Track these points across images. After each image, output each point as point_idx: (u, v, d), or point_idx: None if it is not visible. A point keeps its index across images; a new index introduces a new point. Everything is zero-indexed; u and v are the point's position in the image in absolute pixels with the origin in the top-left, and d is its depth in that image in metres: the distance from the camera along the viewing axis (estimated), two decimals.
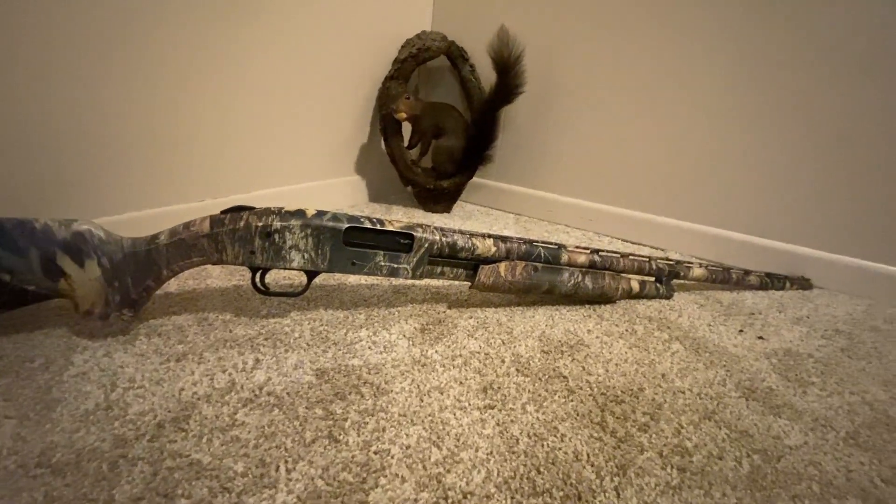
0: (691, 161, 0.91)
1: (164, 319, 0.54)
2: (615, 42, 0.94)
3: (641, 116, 0.94)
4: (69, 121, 0.59)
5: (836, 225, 0.81)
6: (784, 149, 0.83)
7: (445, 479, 0.37)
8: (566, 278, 0.63)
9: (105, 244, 0.46)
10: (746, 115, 0.84)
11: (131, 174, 0.67)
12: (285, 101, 0.87)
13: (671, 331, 0.63)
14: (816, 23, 0.76)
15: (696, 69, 0.87)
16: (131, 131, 0.65)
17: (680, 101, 0.90)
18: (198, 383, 0.44)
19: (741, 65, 0.83)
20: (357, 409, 0.43)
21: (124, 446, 0.37)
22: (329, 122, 0.98)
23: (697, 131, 0.89)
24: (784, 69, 0.80)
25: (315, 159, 0.98)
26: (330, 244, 0.53)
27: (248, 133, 0.81)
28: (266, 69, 0.81)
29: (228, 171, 0.80)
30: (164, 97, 0.68)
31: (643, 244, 0.97)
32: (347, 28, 0.95)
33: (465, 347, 0.55)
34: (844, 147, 0.78)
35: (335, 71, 0.95)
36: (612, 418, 0.45)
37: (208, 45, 0.71)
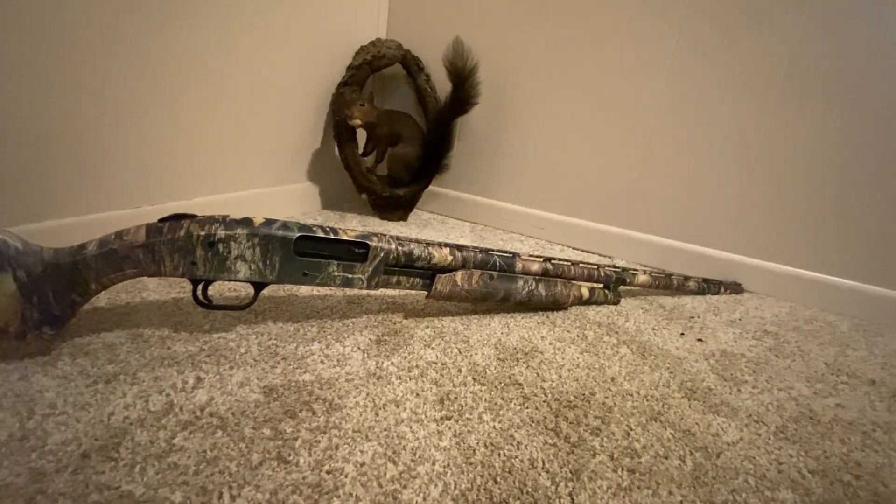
0: (637, 174, 0.96)
1: (92, 337, 0.50)
2: (567, 56, 0.98)
3: (591, 129, 0.98)
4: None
5: (763, 234, 0.88)
6: (720, 162, 0.89)
7: (402, 495, 0.36)
8: (521, 286, 0.64)
9: (22, 255, 0.42)
10: (686, 133, 0.90)
11: (54, 177, 0.61)
12: (233, 104, 0.83)
13: (619, 335, 0.65)
14: (751, 34, 0.83)
15: (642, 86, 0.92)
16: (57, 129, 0.60)
17: (626, 116, 0.95)
18: (130, 406, 0.41)
19: (686, 79, 0.89)
20: (308, 426, 0.42)
21: (42, 480, 0.33)
22: (280, 126, 0.95)
23: (642, 146, 0.95)
24: (721, 84, 0.86)
25: (264, 164, 0.94)
26: (280, 254, 0.51)
27: (190, 135, 0.77)
28: (213, 70, 0.77)
29: (168, 176, 0.75)
30: (95, 93, 0.63)
31: (592, 252, 1.01)
32: (300, 32, 0.92)
33: (422, 358, 0.54)
34: (773, 162, 0.85)
35: (287, 74, 0.92)
36: (566, 423, 0.46)
37: (149, 44, 0.67)
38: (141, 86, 0.68)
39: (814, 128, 0.81)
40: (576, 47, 0.96)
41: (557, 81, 0.99)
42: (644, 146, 0.94)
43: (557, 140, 1.02)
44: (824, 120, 0.81)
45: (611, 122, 0.96)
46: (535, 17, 0.99)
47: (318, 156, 1.06)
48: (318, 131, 1.05)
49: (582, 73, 0.97)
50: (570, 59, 0.97)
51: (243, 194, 0.89)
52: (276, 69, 0.90)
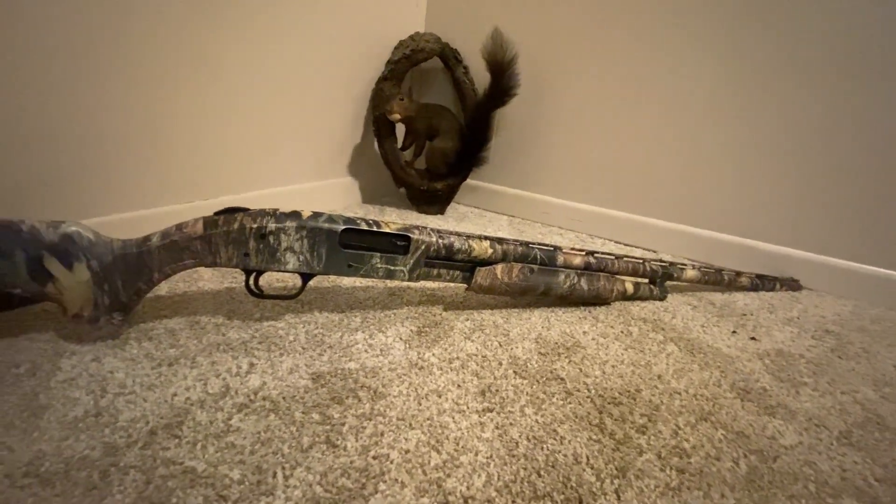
0: (684, 164, 0.92)
1: (155, 323, 0.53)
2: (609, 44, 0.95)
3: (635, 119, 0.95)
4: (56, 120, 0.57)
5: (823, 227, 0.83)
6: (773, 152, 0.84)
7: (445, 483, 0.36)
8: (562, 280, 0.63)
9: (94, 246, 0.45)
10: (737, 119, 0.86)
11: (120, 174, 0.65)
12: (278, 102, 0.86)
13: (666, 332, 0.63)
14: (804, 24, 0.78)
15: (689, 72, 0.88)
16: (120, 131, 0.64)
17: (673, 104, 0.91)
18: (191, 388, 0.44)
19: (733, 68, 0.84)
20: (354, 413, 0.43)
21: (115, 454, 0.36)
22: (322, 123, 0.97)
23: (690, 134, 0.90)
24: (774, 71, 0.81)
25: (308, 160, 0.97)
26: (326, 246, 0.52)
27: (240, 133, 0.80)
28: (259, 70, 0.80)
29: (219, 172, 0.79)
30: (155, 96, 0.67)
31: (636, 246, 0.98)
32: (341, 29, 0.94)
33: (463, 350, 0.54)
34: (831, 151, 0.80)
35: (329, 72, 0.95)
36: (611, 420, 0.45)
37: (200, 45, 0.70)
38: (194, 88, 0.71)
39: (876, 114, 0.75)
40: (618, 35, 0.93)
41: (599, 70, 0.97)
42: (691, 135, 0.90)
43: (599, 130, 0.99)
44: (886, 106, 0.74)
45: (655, 111, 0.92)
46: (575, 6, 0.96)
47: (358, 151, 1.08)
48: (358, 126, 1.07)
49: (624, 61, 0.93)
50: (612, 47, 0.94)
51: (288, 189, 0.92)
52: (318, 67, 0.92)
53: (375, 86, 1.04)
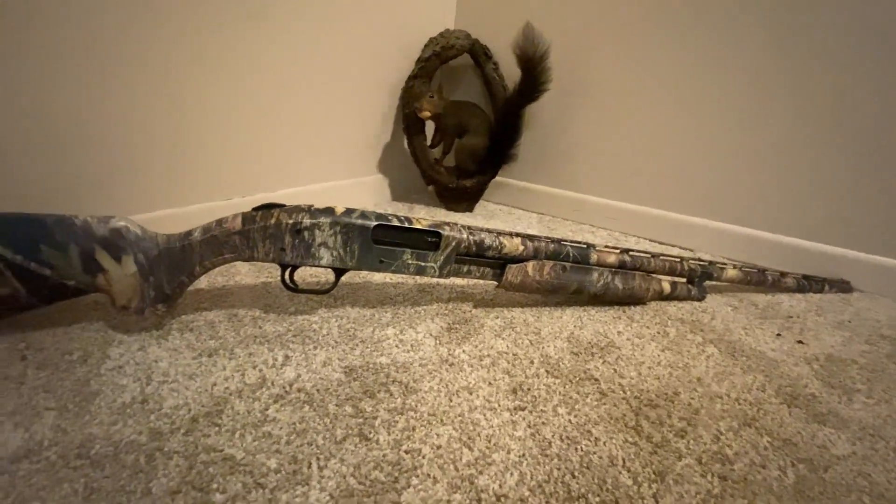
0: (722, 159, 0.88)
1: (195, 315, 0.55)
2: (643, 37, 0.92)
3: (669, 114, 0.92)
4: (107, 123, 0.60)
5: (876, 225, 0.78)
6: (818, 145, 0.79)
7: (478, 480, 0.36)
8: (595, 278, 0.62)
9: (141, 240, 0.47)
10: (781, 112, 0.82)
11: (164, 173, 0.68)
12: (311, 102, 0.87)
13: (705, 333, 0.61)
14: (848, 16, 0.73)
15: (729, 64, 0.84)
16: (166, 132, 0.67)
17: (709, 97, 0.87)
18: (229, 379, 0.45)
19: (772, 61, 0.80)
20: (386, 407, 0.43)
21: (160, 439, 0.38)
22: (353, 121, 0.99)
23: (728, 128, 0.87)
24: (815, 64, 0.77)
25: (339, 158, 0.98)
26: (358, 242, 0.53)
27: (274, 132, 0.82)
28: (293, 70, 0.82)
29: (255, 170, 0.81)
30: (196, 99, 0.69)
31: (672, 245, 0.95)
32: (371, 27, 0.95)
33: (493, 347, 0.54)
34: (882, 143, 0.74)
35: (360, 71, 0.96)
36: (647, 423, 0.44)
37: (236, 46, 0.72)
38: (232, 90, 0.73)
39: None
40: (652, 28, 0.90)
41: (632, 63, 0.94)
42: (732, 129, 0.86)
43: (632, 125, 0.96)
44: None
45: (692, 104, 0.89)
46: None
47: (388, 148, 1.09)
48: (388, 125, 1.07)
49: (659, 54, 0.90)
50: (646, 40, 0.91)
51: (320, 186, 0.94)
52: (350, 66, 0.93)
53: (405, 84, 1.05)
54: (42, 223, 0.45)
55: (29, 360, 0.45)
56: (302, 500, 0.33)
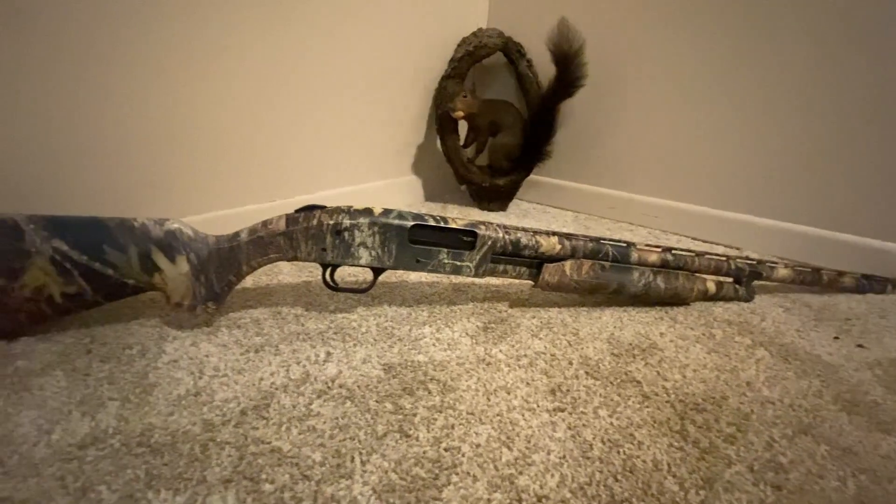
0: (771, 153, 0.84)
1: (242, 313, 0.57)
2: (681, 29, 0.88)
3: (713, 106, 0.88)
4: (159, 130, 0.64)
5: None
6: (878, 135, 0.74)
7: (518, 480, 0.36)
8: (636, 278, 0.60)
9: (193, 241, 0.50)
10: (833, 99, 0.77)
11: (212, 177, 0.71)
12: (347, 105, 0.89)
13: (754, 336, 0.58)
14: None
15: (774, 55, 0.80)
16: (213, 139, 0.70)
17: (756, 88, 0.83)
18: (275, 374, 0.47)
19: (824, 51, 0.75)
20: (425, 405, 0.44)
21: (213, 430, 0.39)
22: (387, 124, 1.00)
23: (778, 120, 0.82)
24: (870, 55, 0.72)
25: (373, 160, 1.00)
26: (396, 242, 0.54)
27: (312, 137, 0.84)
28: (329, 75, 0.84)
29: (295, 173, 0.83)
30: (240, 107, 0.72)
31: (717, 243, 0.91)
32: (404, 30, 0.96)
33: (530, 347, 0.54)
34: None
35: (393, 73, 0.97)
36: (694, 427, 0.42)
37: (277, 55, 0.75)
38: (273, 97, 0.76)
39: None
40: (693, 16, 0.87)
41: (671, 55, 0.91)
42: (779, 121, 0.82)
43: (672, 120, 0.93)
44: None
45: (737, 95, 0.85)
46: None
47: (421, 149, 1.10)
48: (421, 125, 1.08)
49: (700, 45, 0.87)
50: (687, 30, 0.88)
51: (355, 188, 0.96)
52: (384, 70, 0.94)
53: (438, 84, 1.05)
54: (105, 226, 0.48)
55: (93, 353, 0.48)
56: (346, 494, 0.34)
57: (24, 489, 0.33)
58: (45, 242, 0.46)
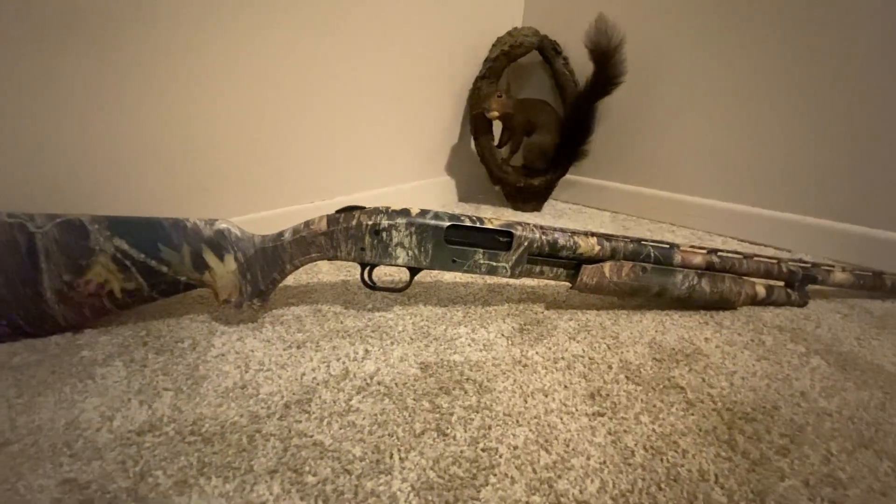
0: (824, 148, 0.79)
1: (284, 309, 0.60)
2: (725, 24, 0.85)
3: (760, 101, 0.84)
4: (208, 136, 0.67)
5: None
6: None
7: (557, 484, 0.36)
8: (679, 281, 0.58)
9: (240, 241, 0.52)
10: (889, 93, 0.71)
11: (257, 180, 0.74)
12: (382, 109, 0.91)
13: (808, 343, 0.55)
14: None
15: (829, 46, 0.75)
16: (257, 145, 0.73)
17: (808, 81, 0.78)
18: (316, 369, 0.48)
19: (881, 44, 0.70)
20: (462, 404, 0.44)
21: (259, 422, 0.41)
22: (422, 125, 1.01)
23: (831, 114, 0.77)
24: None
25: (408, 162, 1.01)
26: (432, 242, 0.54)
27: (349, 140, 0.86)
28: (365, 79, 0.85)
29: (333, 175, 0.86)
30: (281, 113, 0.75)
31: (766, 245, 0.87)
32: (439, 32, 0.97)
33: (568, 350, 0.53)
34: None
35: (427, 75, 0.98)
36: (743, 437, 0.41)
37: (315, 61, 0.77)
38: (312, 102, 0.78)
39: None
40: (738, 6, 0.83)
41: (715, 49, 0.87)
42: (835, 114, 0.77)
43: (716, 116, 0.89)
44: None
45: (787, 90, 0.81)
46: None
47: (455, 150, 1.10)
48: (455, 126, 1.09)
49: (746, 39, 0.83)
50: (731, 23, 0.84)
51: (392, 189, 0.97)
52: (418, 72, 0.95)
53: (473, 85, 1.06)
54: (161, 226, 0.51)
55: (149, 345, 0.51)
56: (385, 489, 0.35)
57: (88, 471, 0.36)
58: (108, 241, 0.49)
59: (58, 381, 0.45)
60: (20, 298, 0.48)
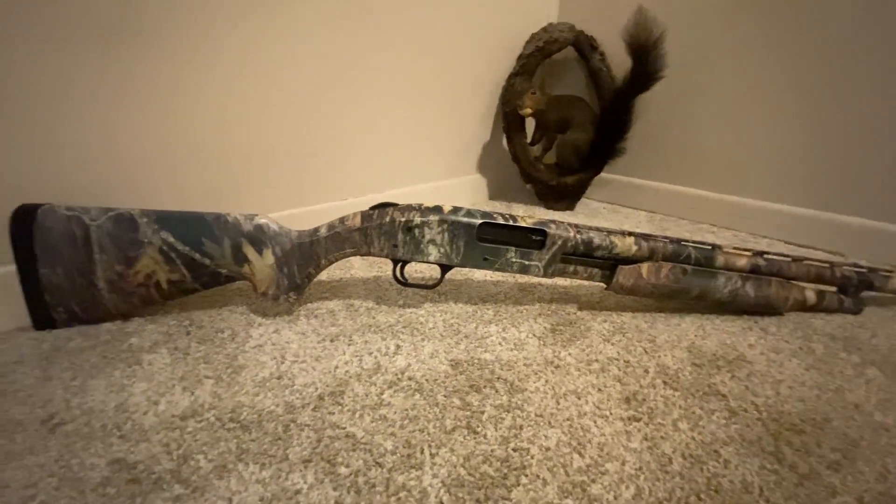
0: (882, 148, 0.74)
1: (318, 304, 0.61)
2: (776, 14, 0.80)
3: (814, 98, 0.79)
4: (248, 138, 0.69)
5: None
6: None
7: (590, 488, 0.35)
8: (722, 283, 0.56)
9: (278, 235, 0.54)
10: None
11: (293, 177, 0.76)
12: (414, 107, 0.91)
13: (864, 353, 0.52)
14: None
15: (884, 41, 0.70)
16: (294, 144, 0.75)
17: (864, 76, 0.73)
18: (349, 363, 0.49)
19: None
20: (493, 403, 0.43)
21: (294, 412, 0.42)
22: (453, 123, 1.01)
23: (890, 112, 0.72)
24: None
25: (439, 159, 1.01)
26: (464, 239, 0.54)
27: (381, 138, 0.87)
28: (397, 77, 0.86)
29: (366, 173, 0.87)
30: (315, 112, 0.76)
31: (815, 248, 0.82)
32: (472, 29, 0.96)
33: (602, 352, 0.52)
34: None
35: (460, 73, 0.97)
36: (790, 450, 0.38)
37: (350, 61, 0.78)
38: (346, 101, 0.79)
39: None
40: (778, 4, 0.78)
41: (760, 42, 0.82)
42: (893, 109, 0.72)
43: (762, 113, 0.85)
44: None
45: (840, 85, 0.76)
46: None
47: (486, 148, 1.09)
48: (487, 124, 1.08)
49: (792, 30, 0.78)
50: (776, 14, 0.79)
51: (422, 187, 0.97)
52: (451, 69, 0.95)
53: (506, 82, 1.04)
54: (204, 220, 0.53)
55: (192, 335, 0.54)
56: (416, 484, 0.35)
57: (136, 452, 0.37)
58: (156, 234, 0.51)
59: (108, 365, 0.47)
60: (76, 288, 0.51)
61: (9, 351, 0.49)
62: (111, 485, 0.34)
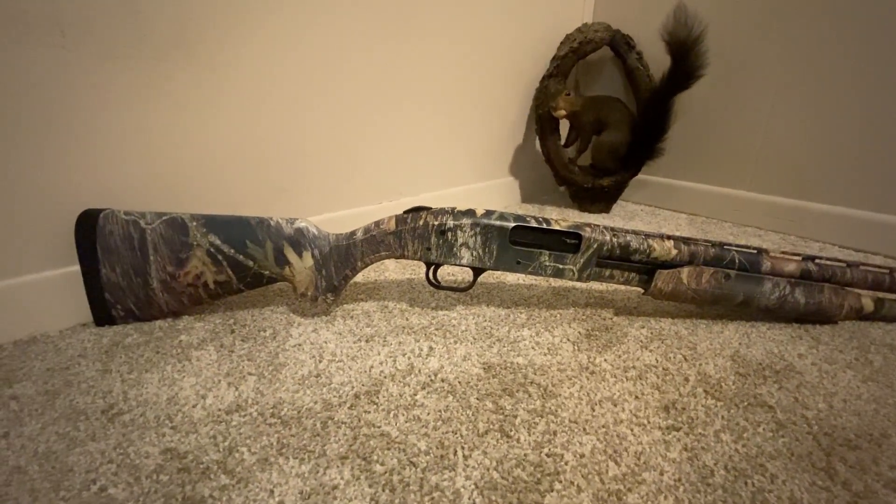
0: None
1: (354, 305, 0.62)
2: (816, 11, 0.76)
3: (866, 94, 0.74)
4: (287, 143, 0.72)
5: None
6: None
7: (626, 498, 0.34)
8: (768, 289, 0.53)
9: (317, 239, 0.55)
10: None
11: (331, 182, 0.79)
12: (447, 111, 0.92)
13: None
14: None
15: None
16: (331, 150, 0.77)
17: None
18: (383, 363, 0.50)
19: None
20: (526, 407, 0.43)
21: (331, 410, 0.43)
22: (486, 126, 1.01)
23: None
24: None
25: (472, 163, 1.01)
26: (497, 243, 0.54)
27: (415, 142, 0.89)
28: (431, 83, 0.87)
29: (400, 177, 0.88)
30: (353, 121, 0.78)
31: (873, 252, 0.77)
32: (506, 31, 0.96)
33: (639, 359, 0.50)
34: None
35: (493, 76, 0.98)
36: (844, 466, 0.36)
37: (384, 68, 0.80)
38: (382, 108, 0.81)
39: None
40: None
41: (804, 39, 0.78)
42: None
43: (808, 110, 0.81)
44: None
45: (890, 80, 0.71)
46: None
47: (519, 150, 1.09)
48: (520, 126, 1.08)
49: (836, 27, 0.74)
50: (821, 9, 0.75)
51: (455, 190, 0.98)
52: (484, 73, 0.95)
53: (540, 84, 1.04)
54: (248, 223, 0.55)
55: (236, 333, 0.56)
56: (449, 485, 0.35)
57: (186, 443, 0.40)
58: (204, 237, 0.54)
59: (161, 360, 0.50)
60: (133, 287, 0.54)
61: (73, 345, 0.53)
62: (164, 472, 0.37)
